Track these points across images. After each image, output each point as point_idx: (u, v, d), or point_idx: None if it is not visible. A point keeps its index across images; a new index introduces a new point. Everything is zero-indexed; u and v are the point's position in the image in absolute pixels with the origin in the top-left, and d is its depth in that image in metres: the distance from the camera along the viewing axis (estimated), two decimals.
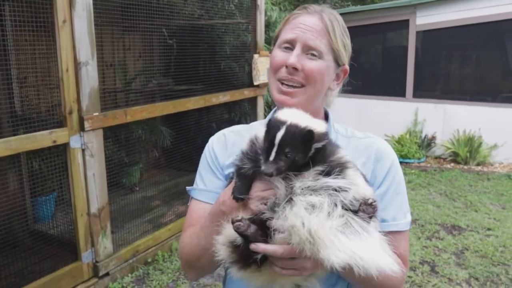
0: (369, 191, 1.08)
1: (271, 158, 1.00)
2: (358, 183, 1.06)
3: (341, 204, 1.01)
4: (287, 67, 1.23)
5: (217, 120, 5.28)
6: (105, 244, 3.49)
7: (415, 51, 7.82)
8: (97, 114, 3.26)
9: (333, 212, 0.98)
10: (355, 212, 1.03)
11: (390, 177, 1.27)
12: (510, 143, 7.07)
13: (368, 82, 8.42)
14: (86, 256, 3.37)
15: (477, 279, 3.73)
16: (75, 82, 3.11)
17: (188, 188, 1.41)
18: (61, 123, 3.11)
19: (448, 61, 8.00)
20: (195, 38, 4.63)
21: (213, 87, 4.66)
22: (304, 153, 1.02)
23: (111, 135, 3.90)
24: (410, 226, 1.30)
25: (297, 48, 1.23)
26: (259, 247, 1.02)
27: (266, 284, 1.12)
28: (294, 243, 0.98)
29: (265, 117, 5.71)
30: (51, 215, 3.78)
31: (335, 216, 0.98)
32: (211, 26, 4.98)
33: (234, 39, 5.34)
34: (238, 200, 1.10)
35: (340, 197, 1.00)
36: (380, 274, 0.98)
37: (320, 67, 1.23)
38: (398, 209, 1.26)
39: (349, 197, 1.02)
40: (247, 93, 5.05)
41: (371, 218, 1.04)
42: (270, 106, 7.26)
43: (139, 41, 4.93)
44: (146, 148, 5.03)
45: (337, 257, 0.94)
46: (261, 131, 1.10)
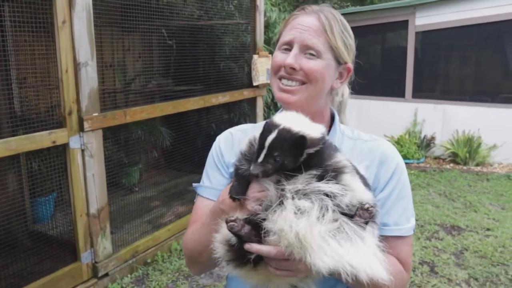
0: (367, 195, 1.07)
1: (259, 160, 1.02)
2: (355, 188, 1.05)
3: (334, 209, 1.00)
4: (284, 66, 1.24)
5: (216, 121, 5.28)
6: (105, 244, 3.49)
7: (415, 51, 7.82)
8: (96, 114, 3.26)
9: (323, 217, 0.98)
10: (351, 216, 1.03)
11: (394, 181, 1.26)
12: (509, 143, 7.08)
13: (367, 83, 8.41)
14: (86, 257, 3.36)
15: (476, 279, 3.73)
16: (74, 83, 3.11)
17: (195, 185, 1.43)
18: (60, 123, 3.11)
19: (448, 61, 8.01)
20: (195, 38, 4.63)
21: (212, 87, 4.66)
22: (294, 158, 1.03)
23: (111, 135, 3.90)
24: (414, 231, 1.28)
25: (294, 49, 1.23)
26: (253, 247, 1.03)
27: (262, 283, 1.13)
28: (283, 246, 0.98)
29: (264, 117, 5.73)
30: (50, 215, 3.78)
31: (326, 220, 0.98)
32: (210, 27, 4.98)
33: (233, 40, 5.34)
34: (235, 200, 1.11)
35: (330, 203, 1.00)
36: (370, 281, 0.98)
37: (319, 66, 1.23)
38: (401, 214, 1.25)
39: (344, 201, 1.02)
40: (246, 93, 5.06)
41: (367, 223, 1.04)
42: (269, 106, 7.26)
43: (139, 41, 4.93)
44: (145, 148, 5.03)
45: (323, 262, 0.94)
46: (259, 133, 1.10)
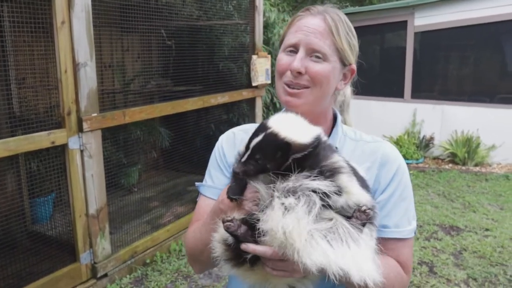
0: (364, 197, 1.06)
1: (243, 160, 1.05)
2: (352, 190, 1.04)
3: (322, 204, 1.00)
4: (291, 71, 1.22)
5: (215, 121, 5.28)
6: (104, 245, 3.49)
7: (413, 52, 7.83)
8: (95, 115, 3.26)
9: (309, 212, 0.98)
10: (348, 218, 1.03)
11: (395, 183, 1.25)
12: (508, 143, 7.09)
13: (366, 83, 8.41)
14: (85, 257, 3.36)
15: (475, 279, 3.74)
16: (73, 83, 3.11)
17: (197, 184, 1.43)
18: (59, 124, 3.10)
19: (446, 62, 8.02)
20: (194, 39, 4.63)
21: (211, 88, 4.66)
22: (277, 162, 1.04)
23: (110, 136, 3.90)
24: (415, 234, 1.27)
25: (300, 52, 1.21)
26: (249, 247, 1.03)
27: (259, 283, 1.13)
28: (275, 246, 0.99)
29: (263, 118, 5.72)
30: (49, 216, 3.77)
31: (313, 215, 0.98)
32: (209, 27, 4.98)
33: (232, 40, 5.34)
34: (232, 200, 1.11)
35: (317, 198, 1.00)
36: (361, 283, 0.98)
37: (325, 69, 1.22)
38: (402, 216, 1.24)
39: (340, 202, 1.02)
40: (245, 94, 5.06)
41: (364, 225, 1.04)
42: (268, 107, 7.25)
43: (138, 42, 4.93)
44: (144, 149, 5.03)
45: (311, 260, 0.94)
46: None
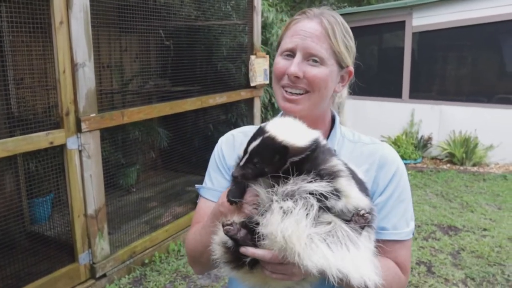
0: (363, 201, 1.06)
1: (241, 164, 1.06)
2: (350, 194, 1.04)
3: (319, 206, 1.01)
4: (288, 75, 1.22)
5: (214, 121, 5.28)
6: (102, 245, 3.49)
7: (411, 52, 7.85)
8: (94, 115, 3.26)
9: (307, 215, 0.99)
10: (347, 221, 1.04)
11: (393, 185, 1.25)
12: (505, 144, 7.11)
13: (364, 83, 8.42)
14: (83, 258, 3.36)
15: (473, 279, 3.75)
16: (72, 84, 3.11)
17: (197, 186, 1.44)
18: (58, 124, 3.10)
19: (444, 62, 8.03)
20: (192, 39, 4.64)
21: (210, 88, 4.66)
22: (275, 166, 1.04)
23: (108, 136, 3.90)
24: (413, 235, 1.28)
25: (297, 56, 1.21)
26: (248, 251, 1.04)
27: (259, 286, 1.13)
28: (276, 250, 0.99)
29: (261, 118, 5.73)
30: (47, 216, 3.77)
31: (311, 217, 0.98)
32: (208, 27, 4.99)
33: (230, 40, 5.35)
34: (232, 203, 1.11)
35: (314, 200, 1.00)
36: (360, 285, 0.98)
37: (323, 73, 1.22)
38: (400, 218, 1.24)
39: (339, 206, 1.02)
40: (243, 94, 5.06)
41: (363, 228, 1.04)
42: (266, 107, 7.26)
43: (136, 42, 4.93)
44: (143, 149, 5.03)
45: (311, 262, 0.95)
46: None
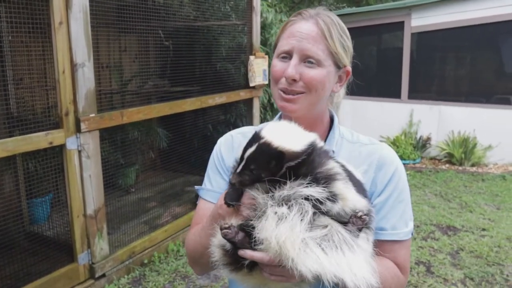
0: (360, 203, 1.07)
1: (238, 170, 1.06)
2: (348, 196, 1.05)
3: (315, 212, 1.01)
4: (286, 78, 1.22)
5: (213, 122, 5.29)
6: (101, 245, 3.49)
7: (410, 52, 7.86)
8: (93, 115, 3.26)
9: (302, 221, 0.99)
10: (345, 223, 1.04)
11: (392, 185, 1.26)
12: (504, 144, 7.12)
13: (363, 84, 8.43)
14: (82, 258, 3.36)
15: (472, 279, 3.75)
16: (71, 84, 3.11)
17: (197, 188, 1.44)
18: (57, 124, 3.10)
19: (443, 62, 8.04)
20: (191, 39, 4.64)
21: (209, 88, 4.67)
22: (272, 171, 1.04)
23: (108, 136, 3.90)
24: (412, 235, 1.29)
25: (294, 58, 1.21)
26: (247, 253, 1.04)
27: (258, 287, 1.13)
28: (271, 255, 1.00)
29: (261, 118, 5.74)
30: (47, 216, 3.77)
31: (305, 223, 0.99)
32: (207, 28, 4.99)
33: (230, 41, 5.35)
34: (230, 206, 1.11)
35: (309, 206, 1.00)
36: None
37: (319, 75, 1.22)
38: (399, 218, 1.25)
39: (335, 209, 1.03)
40: (243, 94, 5.07)
41: (360, 230, 1.05)
42: (265, 107, 7.26)
43: (135, 42, 4.93)
44: (142, 149, 5.03)
45: (305, 267, 0.95)
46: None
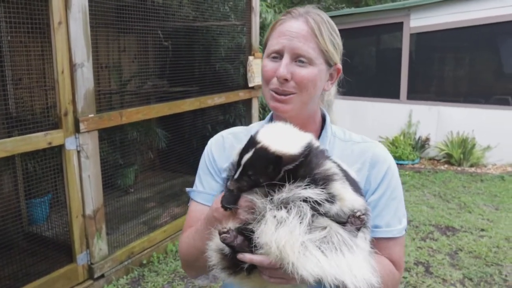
0: (358, 202, 1.07)
1: (235, 177, 1.05)
2: (345, 197, 1.05)
3: (313, 213, 1.01)
4: (277, 78, 1.21)
5: (212, 122, 5.29)
6: (100, 246, 3.48)
7: (409, 53, 7.87)
8: (92, 115, 3.26)
9: (300, 223, 0.98)
10: (343, 223, 1.04)
11: (385, 183, 1.26)
12: (503, 144, 7.13)
13: (362, 84, 8.46)
14: (81, 258, 3.36)
15: (471, 279, 3.76)
16: (70, 84, 3.10)
17: (188, 190, 1.42)
18: (56, 124, 3.10)
19: (442, 63, 8.05)
20: (190, 40, 4.64)
21: (208, 89, 4.67)
22: (270, 176, 1.04)
23: (106, 136, 3.90)
24: (406, 231, 1.30)
25: (285, 58, 1.21)
26: (246, 257, 1.03)
27: None
28: (272, 258, 0.99)
29: (259, 118, 5.74)
30: (46, 217, 3.77)
31: (304, 225, 0.98)
32: (206, 28, 4.99)
33: (229, 41, 5.35)
34: (227, 209, 1.10)
35: (307, 208, 1.00)
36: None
37: (311, 73, 1.21)
38: (392, 215, 1.26)
39: (334, 210, 1.03)
40: (242, 95, 5.07)
41: (359, 229, 1.05)
42: (264, 107, 7.27)
43: (134, 42, 4.93)
44: (141, 149, 5.03)
45: (306, 271, 0.95)
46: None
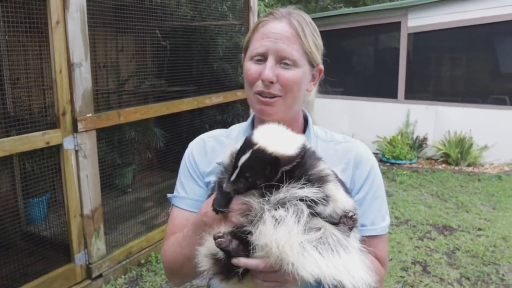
0: (349, 203, 1.08)
1: (232, 179, 1.03)
2: (338, 198, 1.05)
3: (310, 212, 1.01)
4: (263, 80, 1.20)
5: (210, 121, 5.28)
6: (98, 245, 3.48)
7: (407, 53, 7.88)
8: (90, 115, 3.26)
9: (298, 222, 0.98)
10: (336, 224, 1.04)
11: (369, 183, 1.28)
12: (500, 144, 7.15)
13: (360, 84, 8.47)
14: (79, 258, 3.36)
15: (468, 278, 3.77)
16: (68, 83, 3.10)
17: (169, 196, 1.39)
18: (54, 124, 3.10)
19: (439, 63, 8.07)
20: (188, 39, 4.64)
21: (206, 88, 4.66)
22: (267, 177, 1.03)
23: (104, 136, 3.89)
24: (389, 229, 1.32)
25: (269, 60, 1.20)
26: (241, 262, 1.02)
27: None
28: (272, 260, 0.98)
29: None
30: (43, 216, 3.76)
31: (302, 224, 0.98)
32: (204, 28, 4.99)
33: (227, 41, 5.34)
34: (218, 212, 1.09)
35: (304, 206, 1.00)
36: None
37: (296, 75, 1.21)
38: (376, 213, 1.28)
39: (327, 211, 1.03)
40: (240, 94, 5.06)
41: (351, 229, 1.05)
42: None
43: (132, 42, 4.92)
44: (139, 149, 5.02)
45: (307, 271, 0.95)
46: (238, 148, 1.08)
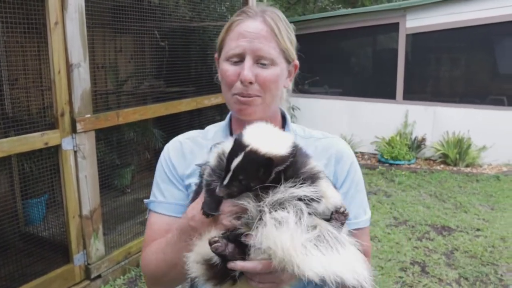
0: (338, 198, 1.08)
1: (225, 182, 1.00)
2: (329, 194, 1.05)
3: (309, 212, 1.00)
4: (242, 81, 1.19)
5: (209, 122, 5.24)
6: (97, 246, 3.48)
7: (405, 54, 7.89)
8: (89, 116, 3.26)
9: (300, 222, 0.98)
10: (328, 220, 1.04)
11: (350, 177, 1.31)
12: (498, 144, 7.16)
13: (358, 84, 8.48)
14: (78, 259, 3.35)
15: (466, 279, 3.78)
16: (67, 84, 3.10)
17: (146, 201, 1.35)
18: (53, 125, 3.10)
19: (438, 63, 8.09)
20: (187, 40, 4.64)
21: (204, 89, 4.66)
22: (261, 179, 1.01)
23: (103, 137, 3.89)
24: (370, 221, 1.36)
25: (247, 60, 1.18)
26: (238, 265, 1.01)
27: None
28: (275, 263, 0.97)
29: None
30: (42, 217, 3.76)
31: (304, 225, 0.98)
32: (202, 28, 4.99)
33: None
34: (209, 215, 1.06)
35: (303, 206, 1.00)
36: (357, 285, 0.98)
37: (274, 74, 1.21)
38: (358, 207, 1.31)
39: (320, 208, 1.03)
40: None
41: (343, 224, 1.06)
42: None
43: (131, 43, 4.92)
44: (138, 150, 5.02)
45: (312, 271, 0.94)
46: (229, 146, 1.05)
